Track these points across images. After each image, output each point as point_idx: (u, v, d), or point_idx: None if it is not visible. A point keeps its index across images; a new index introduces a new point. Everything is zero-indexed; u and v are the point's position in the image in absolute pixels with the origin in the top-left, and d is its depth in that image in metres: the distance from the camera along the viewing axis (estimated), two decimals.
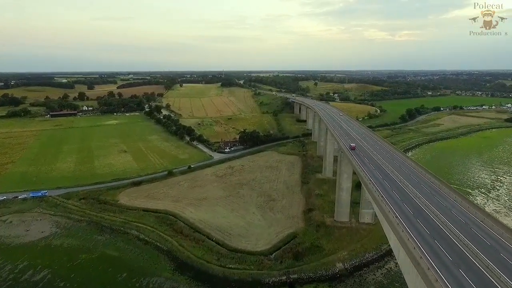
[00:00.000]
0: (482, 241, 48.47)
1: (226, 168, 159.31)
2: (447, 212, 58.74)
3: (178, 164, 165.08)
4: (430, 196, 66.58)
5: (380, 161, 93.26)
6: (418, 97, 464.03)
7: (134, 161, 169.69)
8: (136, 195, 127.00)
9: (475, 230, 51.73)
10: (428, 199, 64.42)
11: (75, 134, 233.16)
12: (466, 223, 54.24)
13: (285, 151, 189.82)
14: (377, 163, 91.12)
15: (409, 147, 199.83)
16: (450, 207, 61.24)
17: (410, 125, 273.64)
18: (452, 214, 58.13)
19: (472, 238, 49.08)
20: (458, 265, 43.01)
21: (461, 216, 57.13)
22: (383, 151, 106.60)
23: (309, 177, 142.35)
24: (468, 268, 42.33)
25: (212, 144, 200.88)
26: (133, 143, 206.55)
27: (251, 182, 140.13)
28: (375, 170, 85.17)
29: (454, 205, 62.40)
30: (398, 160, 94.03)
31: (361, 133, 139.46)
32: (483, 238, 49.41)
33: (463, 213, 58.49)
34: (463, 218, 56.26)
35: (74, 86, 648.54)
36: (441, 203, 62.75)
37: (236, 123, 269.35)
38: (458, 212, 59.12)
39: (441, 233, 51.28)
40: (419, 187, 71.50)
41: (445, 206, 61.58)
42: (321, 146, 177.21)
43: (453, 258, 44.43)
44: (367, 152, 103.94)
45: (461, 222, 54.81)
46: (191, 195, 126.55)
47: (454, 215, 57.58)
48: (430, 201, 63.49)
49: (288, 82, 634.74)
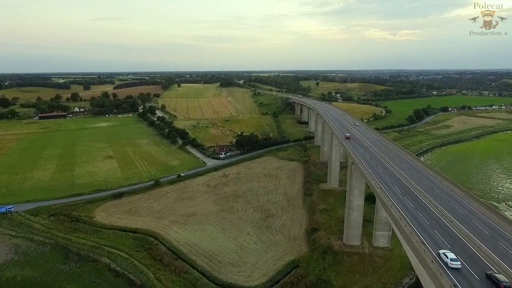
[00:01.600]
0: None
1: (220, 177, 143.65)
2: (493, 242, 43.23)
3: (167, 172, 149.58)
4: (466, 219, 51.24)
5: (399, 173, 77.35)
6: (423, 97, 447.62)
7: (119, 168, 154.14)
8: (115, 209, 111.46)
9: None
10: (464, 223, 49.29)
11: (61, 138, 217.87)
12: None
13: (286, 157, 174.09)
14: (394, 175, 75.32)
15: (420, 151, 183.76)
16: (496, 236, 45.88)
17: (419, 126, 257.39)
18: (499, 245, 42.77)
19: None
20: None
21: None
22: (399, 159, 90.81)
23: (313, 188, 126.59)
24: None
25: (206, 148, 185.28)
26: (121, 147, 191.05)
27: (247, 193, 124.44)
28: (392, 184, 69.55)
29: (499, 232, 47.14)
30: (419, 172, 78.19)
31: (372, 139, 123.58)
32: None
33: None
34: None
35: (70, 87, 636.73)
36: (483, 231, 47.37)
37: (233, 125, 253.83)
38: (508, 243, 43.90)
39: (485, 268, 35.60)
40: (450, 207, 55.89)
41: (490, 234, 46.27)
42: (325, 151, 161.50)
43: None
44: (381, 161, 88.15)
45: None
46: (178, 209, 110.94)
47: (501, 247, 42.32)
48: (467, 227, 48.39)
49: (289, 82, 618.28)
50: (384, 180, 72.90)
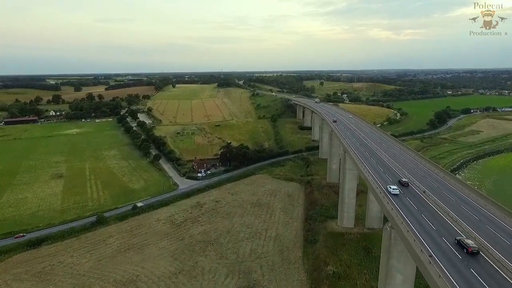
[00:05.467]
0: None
1: (191, 207, 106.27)
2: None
3: (123, 198, 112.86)
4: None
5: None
6: (438, 97, 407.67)
7: (62, 194, 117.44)
8: (21, 270, 74.61)
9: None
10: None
11: (15, 148, 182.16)
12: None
13: (282, 175, 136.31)
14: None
15: (453, 166, 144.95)
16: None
17: (442, 132, 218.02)
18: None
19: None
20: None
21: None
22: (450, 192, 52.82)
23: (317, 229, 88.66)
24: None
25: (183, 164, 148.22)
26: (80, 162, 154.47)
27: (223, 237, 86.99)
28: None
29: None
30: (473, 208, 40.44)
31: (398, 155, 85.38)
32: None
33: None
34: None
35: (60, 88, 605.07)
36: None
37: (224, 132, 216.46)
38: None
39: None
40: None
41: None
42: (333, 169, 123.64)
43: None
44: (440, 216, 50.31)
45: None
46: (115, 270, 73.74)
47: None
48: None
49: (292, 82, 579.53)
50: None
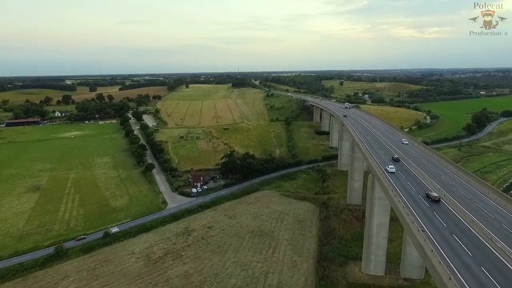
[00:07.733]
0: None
1: (176, 236, 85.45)
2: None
3: (100, 219, 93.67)
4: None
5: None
6: (471, 98, 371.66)
7: (31, 211, 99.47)
8: None
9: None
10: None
11: (2, 154, 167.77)
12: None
13: (293, 191, 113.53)
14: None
15: (506, 184, 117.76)
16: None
17: (482, 139, 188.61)
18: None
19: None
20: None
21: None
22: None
23: (334, 276, 65.65)
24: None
25: (179, 175, 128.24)
26: (65, 171, 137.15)
27: (208, 285, 65.45)
28: None
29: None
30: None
31: (438, 175, 61.31)
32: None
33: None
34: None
35: (76, 88, 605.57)
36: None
37: (231, 136, 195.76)
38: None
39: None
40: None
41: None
42: (355, 188, 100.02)
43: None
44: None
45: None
46: None
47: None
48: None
49: (309, 82, 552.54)
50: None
